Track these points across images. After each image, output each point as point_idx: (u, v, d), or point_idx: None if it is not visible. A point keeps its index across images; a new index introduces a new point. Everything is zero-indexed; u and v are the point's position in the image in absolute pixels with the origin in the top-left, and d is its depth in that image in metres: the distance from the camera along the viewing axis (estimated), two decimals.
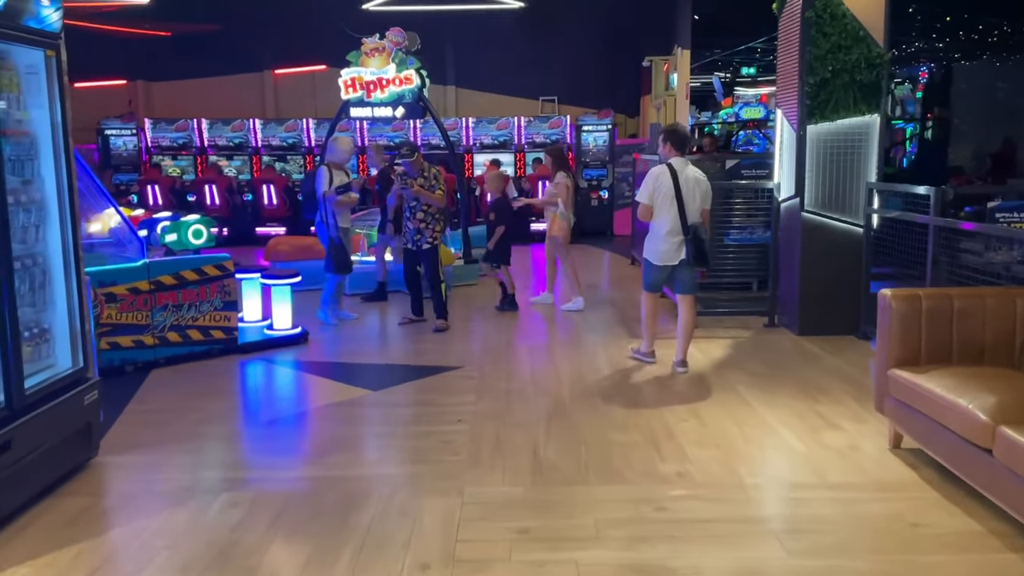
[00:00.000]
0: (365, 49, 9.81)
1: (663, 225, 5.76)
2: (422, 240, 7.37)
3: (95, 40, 14.91)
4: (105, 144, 14.89)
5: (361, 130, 14.84)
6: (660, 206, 5.75)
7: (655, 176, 5.78)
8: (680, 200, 5.69)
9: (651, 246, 5.90)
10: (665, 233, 5.76)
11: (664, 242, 5.79)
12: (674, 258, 5.80)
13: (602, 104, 15.11)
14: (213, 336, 6.49)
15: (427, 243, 7.37)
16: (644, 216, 5.90)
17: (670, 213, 5.71)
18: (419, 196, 7.26)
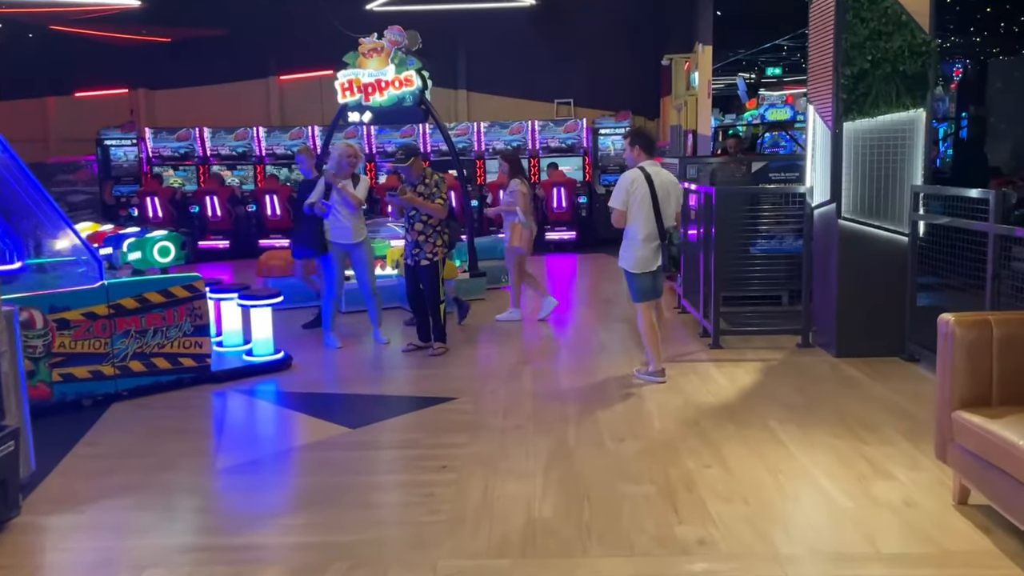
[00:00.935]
0: (363, 50, 9.20)
1: (639, 231, 5.63)
2: (420, 255, 6.64)
3: (96, 49, 14.51)
4: (105, 155, 14.45)
5: (368, 136, 14.26)
6: (635, 212, 5.60)
7: (629, 181, 5.62)
8: (656, 205, 5.57)
9: (629, 254, 5.74)
10: (642, 239, 5.63)
11: (642, 248, 5.65)
12: (652, 264, 5.70)
13: (620, 106, 14.41)
14: (182, 364, 5.87)
15: (426, 259, 6.63)
16: (618, 222, 5.73)
17: (646, 218, 5.59)
18: (413, 205, 6.58)
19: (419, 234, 6.65)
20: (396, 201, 6.65)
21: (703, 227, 7.37)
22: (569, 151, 14.14)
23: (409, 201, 6.56)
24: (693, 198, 7.93)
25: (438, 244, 6.69)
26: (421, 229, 6.64)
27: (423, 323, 6.89)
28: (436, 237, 6.68)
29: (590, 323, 8.00)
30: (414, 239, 6.68)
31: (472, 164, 14.11)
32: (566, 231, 13.38)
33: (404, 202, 6.58)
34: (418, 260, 6.68)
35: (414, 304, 6.93)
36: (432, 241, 6.66)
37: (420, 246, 6.65)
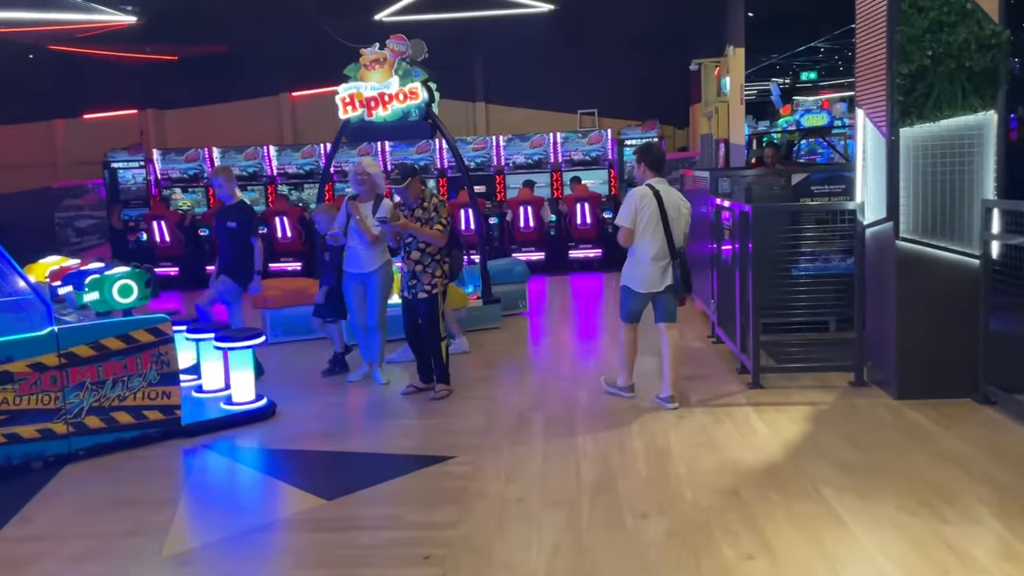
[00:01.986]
0: (364, 61, 8.54)
1: (647, 250, 5.47)
2: (418, 287, 5.93)
3: (104, 69, 14.13)
4: (112, 178, 13.96)
5: (383, 153, 13.62)
6: (643, 230, 5.46)
7: (638, 198, 5.48)
8: (666, 223, 5.44)
9: (633, 273, 5.60)
10: (650, 258, 5.47)
11: (649, 267, 5.50)
12: (659, 284, 5.53)
13: (647, 115, 13.60)
14: (147, 418, 5.19)
15: (424, 291, 5.91)
16: (625, 241, 5.56)
17: (655, 237, 5.45)
18: (408, 231, 5.84)
19: (416, 264, 5.94)
20: (389, 228, 5.87)
21: (738, 248, 6.56)
22: (593, 164, 13.37)
23: (404, 228, 5.82)
24: (727, 215, 7.12)
25: (437, 275, 5.96)
26: (418, 258, 5.92)
27: (423, 362, 6.17)
28: (435, 267, 5.95)
29: (615, 356, 7.20)
30: (411, 269, 5.97)
31: (492, 180, 13.41)
32: (591, 249, 12.59)
33: (398, 229, 5.84)
34: (415, 293, 5.95)
35: (413, 342, 6.21)
36: (431, 271, 5.93)
37: (417, 277, 5.93)
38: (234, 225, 6.74)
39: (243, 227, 6.74)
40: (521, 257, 12.48)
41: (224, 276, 6.77)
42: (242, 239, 6.72)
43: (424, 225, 5.84)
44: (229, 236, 6.76)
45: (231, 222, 6.75)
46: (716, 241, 7.47)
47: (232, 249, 6.78)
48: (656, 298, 5.60)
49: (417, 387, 6.17)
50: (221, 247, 6.93)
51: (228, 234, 6.76)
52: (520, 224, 12.53)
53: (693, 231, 9.21)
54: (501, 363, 7.11)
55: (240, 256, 6.71)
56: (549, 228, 12.96)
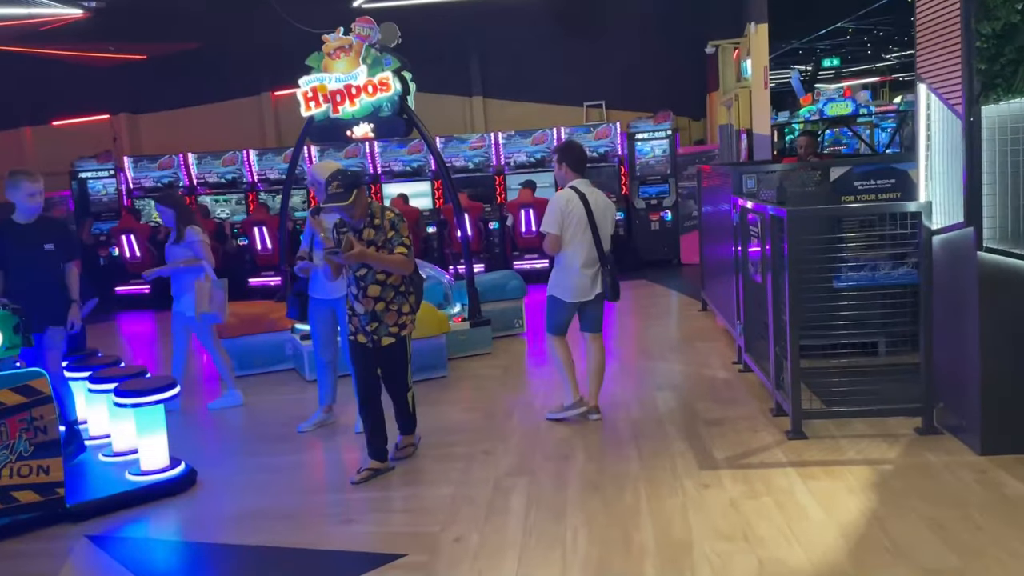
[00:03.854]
0: (327, 49, 7.40)
1: (575, 257, 5.16)
2: (381, 330, 4.55)
3: (74, 73, 13.11)
4: (82, 189, 12.90)
5: (372, 155, 12.47)
6: (571, 236, 5.13)
7: (564, 201, 5.15)
8: (594, 227, 5.13)
9: (561, 281, 5.25)
10: (579, 266, 5.16)
11: (578, 276, 5.18)
12: (589, 292, 5.23)
13: (659, 106, 12.35)
14: (18, 501, 4.07)
15: (388, 335, 4.57)
16: (553, 248, 5.20)
17: (583, 243, 5.15)
18: (364, 261, 4.44)
19: (376, 301, 4.53)
20: (340, 260, 4.44)
21: (769, 256, 5.35)
22: (602, 160, 12.14)
23: (360, 258, 4.39)
24: (753, 218, 5.91)
25: (404, 311, 4.62)
26: (379, 294, 4.53)
27: (377, 434, 4.65)
28: (400, 301, 4.60)
29: (624, 391, 6.00)
30: (368, 309, 4.54)
31: (491, 180, 12.24)
32: None
33: (353, 260, 4.41)
34: (377, 339, 4.57)
35: (368, 405, 4.66)
36: (396, 308, 4.58)
37: (379, 318, 4.54)
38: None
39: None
40: (524, 266, 11.35)
41: None
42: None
43: (382, 251, 4.48)
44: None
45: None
46: (741, 248, 6.26)
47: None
48: (584, 307, 5.28)
49: (372, 469, 4.58)
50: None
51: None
52: (521, 229, 11.35)
53: (714, 235, 8.07)
54: (485, 402, 5.93)
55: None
56: None
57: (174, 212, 5.99)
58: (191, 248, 5.96)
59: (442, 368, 6.70)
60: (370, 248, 4.44)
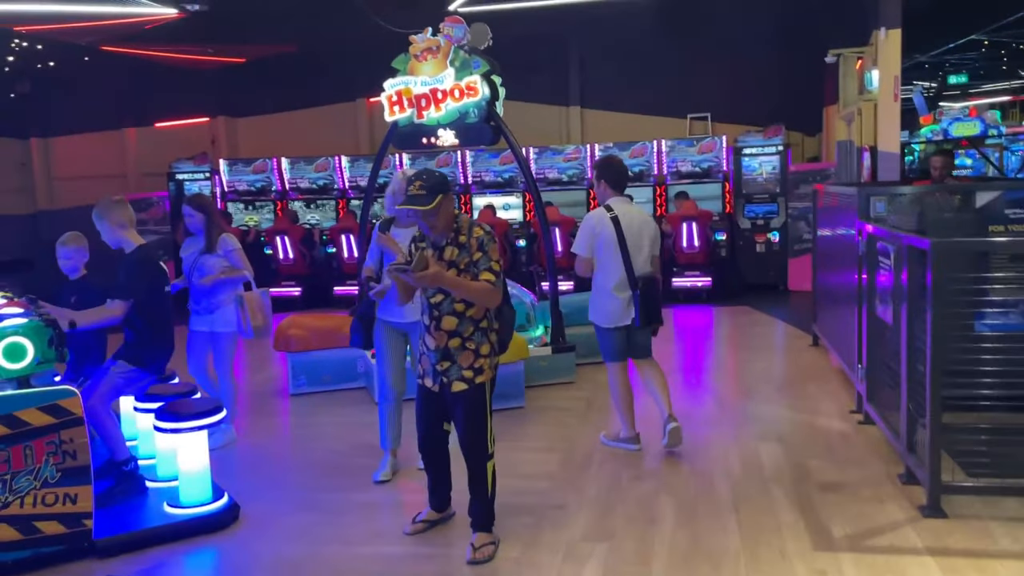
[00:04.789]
0: (414, 51, 6.98)
1: (608, 279, 4.96)
2: (453, 372, 3.73)
3: (176, 76, 13.24)
4: (178, 190, 12.98)
5: (463, 164, 12.06)
6: (602, 258, 4.94)
7: (593, 222, 4.99)
8: (625, 249, 4.89)
9: (598, 306, 5.05)
10: (611, 289, 4.95)
11: (611, 300, 4.96)
12: (625, 317, 4.98)
13: (770, 119, 11.50)
14: (42, 532, 3.71)
15: (462, 379, 3.71)
16: (584, 271, 5.05)
17: (614, 265, 4.92)
18: (440, 286, 3.63)
19: (450, 336, 3.72)
20: (410, 280, 3.58)
21: (903, 292, 4.56)
22: (705, 176, 11.38)
23: (433, 282, 3.59)
24: (884, 247, 5.10)
25: (483, 352, 3.74)
26: (454, 327, 3.70)
27: (439, 482, 4.04)
28: (480, 339, 3.74)
29: (722, 439, 5.27)
30: (440, 345, 3.73)
31: (585, 193, 11.64)
32: (699, 277, 10.61)
33: (427, 283, 3.60)
34: (447, 381, 3.74)
35: (431, 455, 3.98)
36: (474, 347, 3.72)
37: (452, 357, 3.72)
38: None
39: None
40: None
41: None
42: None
43: (464, 275, 3.70)
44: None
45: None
46: (867, 280, 5.45)
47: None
48: (628, 332, 5.01)
49: (425, 521, 4.06)
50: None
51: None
52: None
53: (831, 262, 7.22)
54: (562, 441, 5.32)
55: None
56: None
57: (204, 217, 5.44)
58: (228, 258, 5.44)
59: (519, 398, 6.13)
60: (450, 270, 3.64)
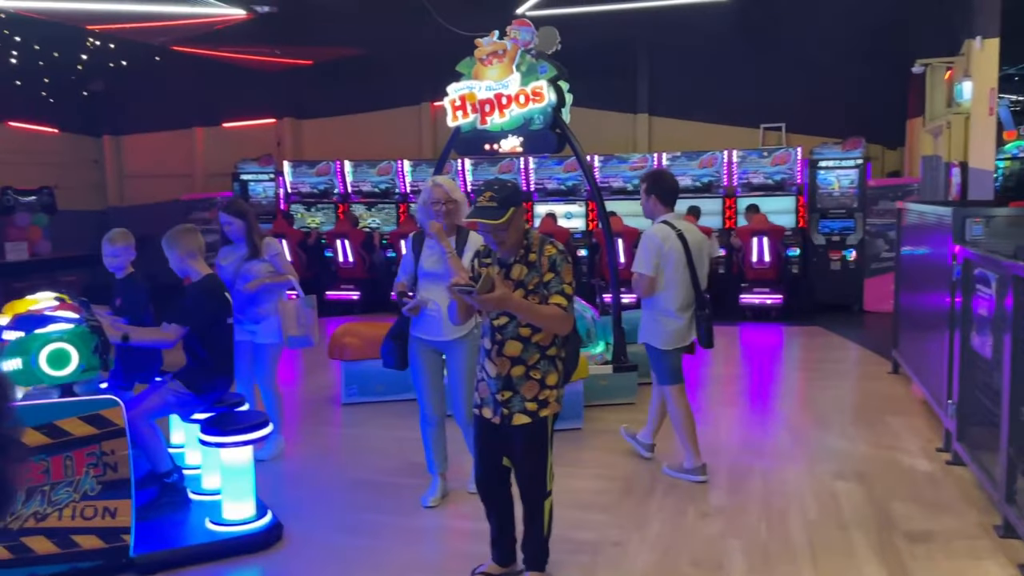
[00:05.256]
0: (480, 54, 6.77)
1: (673, 300, 4.72)
2: (515, 404, 3.38)
3: (244, 76, 13.34)
4: (243, 191, 13.08)
5: (526, 171, 11.84)
6: (670, 277, 4.70)
7: (660, 239, 4.70)
8: (692, 267, 4.71)
9: (658, 328, 4.78)
10: (677, 309, 4.73)
11: (676, 320, 4.74)
12: (686, 338, 4.81)
13: (848, 131, 11.00)
14: (79, 546, 3.58)
15: (524, 412, 3.37)
16: (648, 291, 4.74)
17: (682, 285, 4.72)
18: (504, 308, 3.27)
19: (514, 363, 3.37)
20: (473, 303, 3.26)
21: (1007, 325, 4.15)
22: (777, 189, 10.94)
23: (499, 305, 3.23)
24: (984, 274, 4.67)
25: (549, 382, 3.40)
26: (519, 354, 3.37)
27: (503, 531, 3.64)
28: (547, 368, 3.39)
29: (795, 475, 4.91)
30: (502, 373, 3.38)
31: None
32: (769, 294, 10.17)
33: (487, 306, 3.26)
34: (508, 413, 3.39)
35: (492, 499, 3.60)
36: (539, 377, 3.37)
37: (514, 386, 3.38)
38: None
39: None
40: None
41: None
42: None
43: (533, 296, 3.36)
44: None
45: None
46: (961, 308, 5.02)
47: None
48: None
49: (489, 574, 3.66)
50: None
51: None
52: None
53: (916, 284, 6.74)
54: (622, 468, 5.02)
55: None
56: (716, 265, 10.68)
57: (244, 223, 5.14)
58: (273, 262, 5.21)
59: (577, 419, 5.85)
60: (517, 291, 3.31)
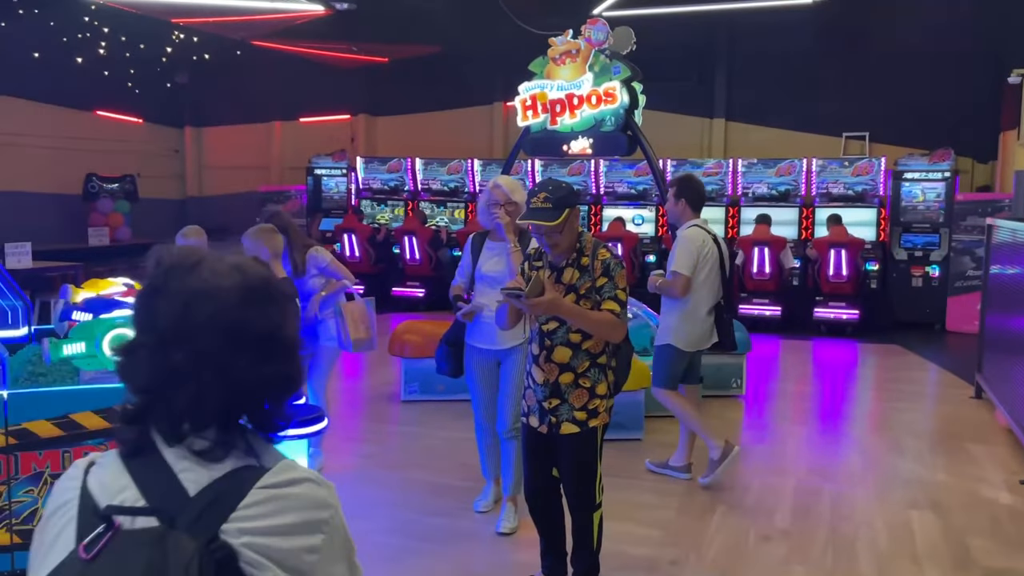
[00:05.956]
0: (553, 54, 6.69)
1: (704, 302, 4.74)
2: (563, 412, 3.26)
3: (321, 72, 13.56)
4: (316, 185, 13.28)
5: (596, 174, 11.69)
6: (703, 280, 4.68)
7: (699, 242, 4.70)
8: (724, 271, 4.79)
9: (682, 328, 4.75)
10: (705, 312, 4.76)
11: (702, 323, 4.78)
12: (707, 341, 4.85)
13: (936, 142, 10.51)
14: None
15: (572, 421, 3.24)
16: (684, 291, 4.67)
17: (713, 287, 4.76)
18: (556, 313, 3.16)
19: (562, 370, 3.26)
20: (523, 307, 3.11)
21: None
22: (858, 200, 10.54)
23: (549, 309, 3.12)
24: None
25: (600, 392, 3.27)
26: (568, 360, 3.25)
27: (554, 544, 3.52)
28: (597, 376, 3.26)
29: (865, 501, 4.66)
30: (550, 380, 3.27)
31: (724, 211, 11.03)
32: (844, 309, 9.80)
33: (537, 310, 3.12)
34: (556, 423, 3.28)
35: (541, 511, 3.49)
36: (589, 385, 3.25)
37: (562, 394, 3.26)
38: None
39: None
40: (751, 311, 10.06)
41: None
42: None
43: (584, 301, 3.22)
44: None
45: None
46: None
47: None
48: (693, 356, 4.90)
49: None
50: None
51: None
52: (753, 269, 10.05)
53: (1008, 305, 6.37)
54: (681, 483, 4.85)
55: None
56: (790, 277, 10.36)
57: (286, 237, 4.77)
58: (324, 274, 5.02)
59: (637, 429, 5.71)
60: (568, 296, 3.20)
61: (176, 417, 1.14)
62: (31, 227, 11.13)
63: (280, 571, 1.10)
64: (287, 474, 1.15)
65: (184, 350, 1.13)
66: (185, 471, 1.13)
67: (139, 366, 1.16)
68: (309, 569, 1.13)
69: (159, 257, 1.20)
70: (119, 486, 1.14)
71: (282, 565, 1.10)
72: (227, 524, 1.09)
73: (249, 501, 1.11)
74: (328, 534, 1.16)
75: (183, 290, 1.16)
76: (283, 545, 1.11)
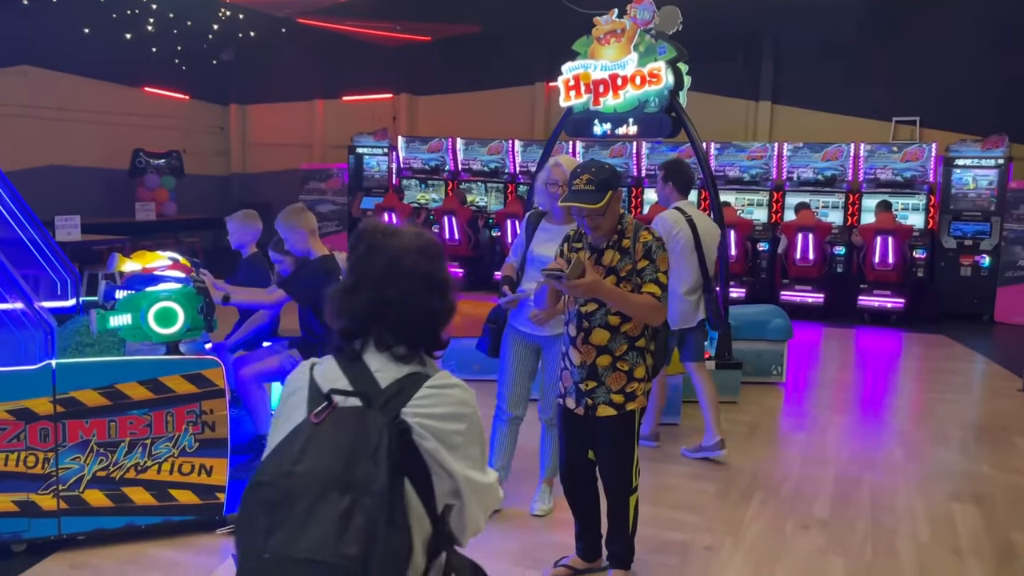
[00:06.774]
0: (597, 33, 6.60)
1: (681, 282, 4.83)
2: (599, 395, 3.24)
3: (363, 51, 13.58)
4: (358, 163, 13.35)
5: (638, 156, 11.58)
6: (677, 260, 4.67)
7: (671, 224, 4.84)
8: (700, 251, 4.89)
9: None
10: (683, 292, 4.86)
11: (681, 302, 4.85)
12: (691, 319, 4.94)
13: (989, 128, 10.20)
14: (176, 500, 3.68)
15: (609, 404, 3.22)
16: None
17: (690, 267, 4.88)
18: (595, 295, 3.13)
19: (600, 352, 3.23)
20: (563, 289, 3.13)
21: None
22: (906, 187, 10.30)
23: (589, 291, 3.10)
24: None
25: (637, 375, 3.25)
26: (606, 343, 3.22)
27: (589, 526, 3.52)
28: (635, 360, 3.24)
29: (907, 491, 4.58)
30: (587, 362, 3.25)
31: (768, 195, 10.85)
32: (890, 297, 9.61)
33: (580, 292, 3.12)
34: (592, 405, 3.26)
35: (576, 492, 3.49)
36: (627, 368, 3.23)
37: (599, 377, 3.23)
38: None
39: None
40: (793, 298, 9.92)
41: None
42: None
43: (625, 284, 3.21)
44: None
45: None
46: None
47: None
48: (685, 334, 4.98)
49: (572, 568, 3.53)
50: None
51: None
52: (796, 255, 9.90)
53: None
54: (718, 469, 4.80)
55: None
56: (835, 264, 10.19)
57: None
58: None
59: (675, 414, 5.67)
60: (608, 278, 3.16)
61: (388, 333, 1.65)
62: (80, 201, 11.35)
63: (438, 444, 1.58)
64: (445, 380, 1.65)
65: (394, 288, 1.65)
66: (379, 371, 1.64)
67: (360, 300, 1.67)
68: (456, 444, 1.61)
69: (370, 226, 1.72)
70: (335, 377, 1.65)
71: (439, 440, 1.59)
72: (405, 408, 1.59)
73: (420, 394, 1.60)
74: (469, 424, 1.64)
75: (392, 248, 1.68)
76: (440, 426, 1.60)
